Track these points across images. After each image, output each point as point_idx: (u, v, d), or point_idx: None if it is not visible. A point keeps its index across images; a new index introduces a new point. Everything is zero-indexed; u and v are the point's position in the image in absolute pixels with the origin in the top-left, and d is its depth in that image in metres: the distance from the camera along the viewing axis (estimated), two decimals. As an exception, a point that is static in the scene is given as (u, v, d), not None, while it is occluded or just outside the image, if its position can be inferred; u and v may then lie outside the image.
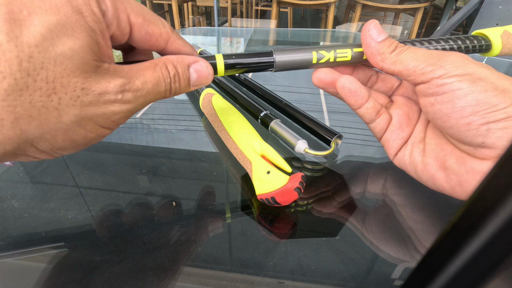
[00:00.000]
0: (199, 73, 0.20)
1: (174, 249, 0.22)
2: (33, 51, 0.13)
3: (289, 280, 0.20)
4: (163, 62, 0.18)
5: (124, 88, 0.16)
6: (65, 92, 0.14)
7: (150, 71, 0.18)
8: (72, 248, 0.22)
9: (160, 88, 0.18)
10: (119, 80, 0.16)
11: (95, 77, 0.15)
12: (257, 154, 0.27)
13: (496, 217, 0.07)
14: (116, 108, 0.16)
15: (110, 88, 0.15)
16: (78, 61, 0.14)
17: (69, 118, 0.15)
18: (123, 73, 0.16)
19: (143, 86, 0.17)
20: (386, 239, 0.23)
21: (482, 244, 0.07)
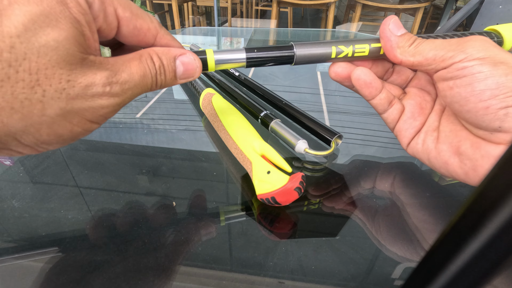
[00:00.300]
0: (186, 65, 0.20)
1: (175, 249, 0.22)
2: (14, 42, 0.12)
3: (289, 280, 0.20)
4: (148, 54, 0.18)
5: (111, 81, 0.16)
6: (49, 84, 0.14)
7: (135, 62, 0.17)
8: (72, 248, 0.22)
9: (146, 80, 0.18)
10: (105, 73, 0.16)
11: (81, 69, 0.15)
12: (257, 154, 0.27)
13: (496, 217, 0.07)
14: (104, 102, 0.16)
15: (97, 81, 0.15)
16: (63, 52, 0.14)
17: (54, 111, 0.14)
18: (108, 65, 0.16)
19: (130, 78, 0.17)
20: (386, 239, 0.23)
21: (483, 244, 0.07)
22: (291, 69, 0.57)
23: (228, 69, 0.47)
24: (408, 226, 0.24)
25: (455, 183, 0.29)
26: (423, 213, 0.25)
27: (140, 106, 0.42)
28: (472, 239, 0.07)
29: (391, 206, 0.26)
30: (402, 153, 0.33)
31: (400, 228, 0.24)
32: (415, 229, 0.24)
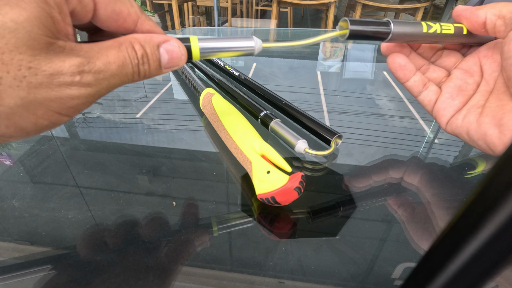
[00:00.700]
0: (171, 53, 0.18)
1: (175, 249, 0.22)
2: None
3: (289, 280, 0.20)
4: (129, 41, 0.16)
5: (82, 69, 0.14)
6: (7, 71, 0.12)
7: (114, 50, 0.16)
8: (72, 248, 0.22)
9: (126, 70, 0.16)
10: (76, 60, 0.14)
11: (46, 55, 0.13)
12: (257, 154, 0.27)
13: (496, 217, 0.07)
14: (74, 92, 0.14)
15: (65, 69, 0.13)
16: (23, 35, 0.12)
17: (13, 101, 0.13)
18: (81, 52, 0.14)
19: (105, 68, 0.15)
20: (386, 239, 0.23)
21: (482, 244, 0.07)
22: (291, 69, 0.57)
23: (227, 69, 0.47)
24: (409, 226, 0.24)
25: (455, 182, 0.29)
26: (425, 212, 0.25)
27: (140, 106, 0.42)
28: (472, 239, 0.07)
29: (392, 206, 0.26)
30: (402, 152, 0.33)
31: (401, 228, 0.24)
32: (416, 229, 0.24)
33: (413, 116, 0.40)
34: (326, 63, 0.62)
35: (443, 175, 0.30)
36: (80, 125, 0.37)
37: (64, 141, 0.34)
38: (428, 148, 0.34)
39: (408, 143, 0.35)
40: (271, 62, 0.62)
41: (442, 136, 0.37)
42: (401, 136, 0.36)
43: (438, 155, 0.33)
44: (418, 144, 0.35)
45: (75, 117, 0.39)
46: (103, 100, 0.44)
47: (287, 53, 0.69)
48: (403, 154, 0.33)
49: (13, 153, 0.32)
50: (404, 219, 0.25)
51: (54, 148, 0.33)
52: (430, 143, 0.35)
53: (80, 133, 0.36)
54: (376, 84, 0.52)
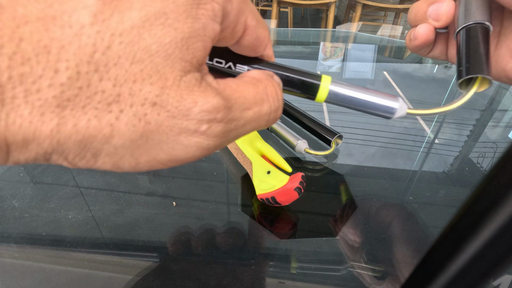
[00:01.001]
0: None
1: (175, 249, 0.22)
2: (113, 41, 0.09)
3: (289, 280, 0.20)
4: (265, 81, 0.13)
5: (214, 117, 0.11)
6: (130, 104, 0.10)
7: (251, 89, 0.12)
8: (73, 248, 0.22)
9: (259, 122, 0.13)
10: (211, 102, 0.11)
11: (177, 90, 0.10)
12: (257, 154, 0.27)
13: (496, 217, 0.07)
14: (192, 144, 0.11)
15: (194, 112, 0.10)
16: (160, 60, 0.10)
17: (122, 142, 0.10)
18: (218, 90, 0.11)
19: (240, 115, 0.12)
20: (386, 239, 0.23)
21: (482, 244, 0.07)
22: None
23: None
24: (409, 226, 0.24)
25: (455, 182, 0.29)
26: (425, 213, 0.25)
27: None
28: (472, 239, 0.07)
29: (392, 206, 0.26)
30: (402, 152, 0.33)
31: (401, 228, 0.24)
32: (416, 229, 0.24)
33: (412, 116, 0.40)
34: (327, 63, 0.62)
35: (443, 175, 0.30)
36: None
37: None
38: (428, 148, 0.34)
39: (409, 143, 0.35)
40: (271, 62, 0.62)
41: (442, 136, 0.37)
42: (401, 136, 0.36)
43: (438, 155, 0.33)
44: (418, 144, 0.35)
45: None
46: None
47: (287, 53, 0.69)
48: (403, 154, 0.33)
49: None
50: (406, 219, 0.25)
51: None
52: (430, 143, 0.35)
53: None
54: (376, 84, 0.52)
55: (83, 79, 0.09)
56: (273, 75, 0.14)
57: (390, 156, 0.33)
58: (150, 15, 0.10)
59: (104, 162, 0.11)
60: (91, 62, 0.09)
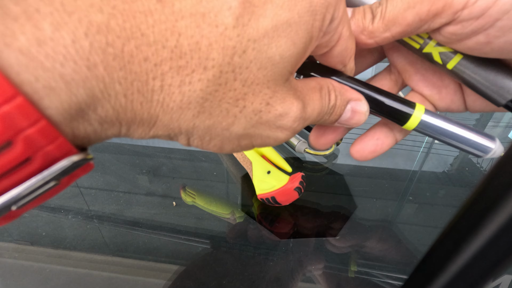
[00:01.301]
0: (354, 114, 0.16)
1: (174, 249, 0.22)
2: (249, 46, 0.11)
3: (289, 280, 0.20)
4: (327, 87, 0.15)
5: (301, 116, 0.13)
6: (252, 101, 0.12)
7: (317, 96, 0.14)
8: (73, 248, 0.22)
9: (319, 118, 0.15)
10: (299, 104, 0.13)
11: (282, 93, 0.12)
12: (257, 154, 0.27)
13: (496, 217, 0.07)
14: (282, 135, 0.13)
15: (291, 112, 0.13)
16: (278, 70, 0.12)
17: (238, 130, 0.12)
18: (299, 93, 0.13)
19: (311, 115, 0.14)
20: (386, 239, 0.23)
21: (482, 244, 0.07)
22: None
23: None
24: (408, 226, 0.24)
25: (455, 182, 0.29)
26: (424, 213, 0.25)
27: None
28: (471, 239, 0.07)
29: (392, 206, 0.26)
30: (402, 152, 0.33)
31: (400, 228, 0.24)
32: (416, 230, 0.24)
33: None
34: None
35: (443, 175, 0.30)
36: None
37: (64, 141, 0.34)
38: (428, 148, 0.34)
39: (408, 143, 0.35)
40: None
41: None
42: (401, 136, 0.36)
43: (438, 155, 0.33)
44: (419, 144, 0.35)
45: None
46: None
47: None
48: (403, 154, 0.33)
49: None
50: (405, 219, 0.25)
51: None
52: (430, 143, 0.35)
53: (80, 133, 0.36)
54: (376, 84, 0.52)
55: (223, 78, 0.11)
56: (332, 89, 0.15)
57: (390, 156, 0.33)
58: (279, 25, 0.11)
59: (215, 145, 0.13)
60: (230, 63, 0.11)
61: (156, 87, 0.10)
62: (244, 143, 0.13)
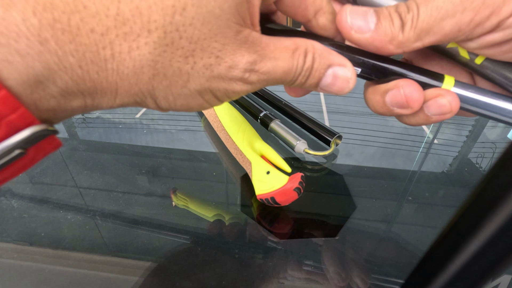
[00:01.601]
0: (335, 80, 0.16)
1: (173, 249, 0.22)
2: (187, 3, 0.11)
3: (289, 281, 0.20)
4: (304, 48, 0.15)
5: (253, 68, 0.14)
6: (201, 57, 0.13)
7: (287, 54, 0.15)
8: (72, 249, 0.22)
9: (286, 77, 0.15)
10: (252, 56, 0.13)
11: (232, 46, 0.13)
12: (256, 154, 0.27)
13: (495, 217, 0.07)
14: (237, 87, 0.14)
15: (241, 63, 0.13)
16: (223, 23, 0.12)
17: (195, 86, 0.13)
18: (259, 47, 0.14)
19: (272, 70, 0.14)
20: (385, 240, 0.23)
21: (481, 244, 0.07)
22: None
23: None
24: (408, 227, 0.24)
25: (454, 183, 0.29)
26: (424, 213, 0.25)
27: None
28: (471, 239, 0.07)
29: (391, 206, 0.26)
30: (401, 153, 0.33)
31: (400, 228, 0.24)
32: (415, 230, 0.24)
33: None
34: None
35: (442, 175, 0.30)
36: (80, 125, 0.37)
37: (64, 141, 0.34)
38: (427, 149, 0.34)
39: (408, 143, 0.35)
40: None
41: (441, 136, 0.37)
42: (400, 136, 0.36)
43: (437, 155, 0.33)
44: (418, 145, 0.35)
45: (74, 117, 0.39)
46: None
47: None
48: (402, 155, 0.33)
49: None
50: (405, 219, 0.25)
51: (53, 149, 0.33)
52: (429, 143, 0.35)
53: (79, 133, 0.36)
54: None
55: (168, 38, 0.12)
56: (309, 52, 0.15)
57: (390, 156, 0.33)
58: None
59: (182, 104, 0.14)
60: (172, 23, 0.11)
61: (108, 56, 0.11)
62: (207, 97, 0.14)
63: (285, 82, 0.16)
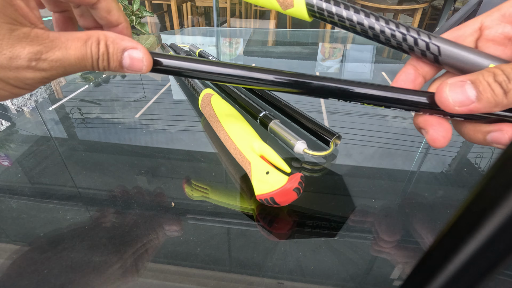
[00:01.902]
0: (133, 60, 0.20)
1: (173, 250, 0.22)
2: None
3: (288, 281, 0.20)
4: (96, 37, 0.18)
5: (39, 57, 0.16)
6: None
7: (79, 44, 0.18)
8: (71, 249, 0.22)
9: (85, 63, 0.18)
10: (35, 47, 0.16)
11: (8, 41, 0.15)
12: (256, 154, 0.27)
13: (495, 217, 0.07)
14: (29, 74, 0.17)
15: (23, 54, 0.16)
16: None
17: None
18: (45, 40, 0.16)
19: (63, 57, 0.17)
20: (385, 240, 0.23)
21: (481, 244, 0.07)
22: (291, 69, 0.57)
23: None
24: (408, 227, 0.24)
25: (454, 183, 0.29)
26: (423, 213, 0.25)
27: (139, 107, 0.42)
28: (470, 239, 0.07)
29: (391, 206, 0.26)
30: (400, 153, 0.33)
31: (400, 228, 0.24)
32: (415, 230, 0.24)
33: (411, 117, 0.40)
34: (325, 64, 0.62)
35: (442, 175, 0.30)
36: (79, 125, 0.37)
37: (63, 141, 0.34)
38: (426, 149, 0.34)
39: (407, 144, 0.35)
40: (270, 62, 0.62)
41: (440, 136, 0.37)
42: (399, 136, 0.36)
43: (436, 156, 0.33)
44: (417, 145, 0.35)
45: (73, 118, 0.39)
46: (101, 100, 0.44)
47: (286, 53, 0.69)
48: (401, 155, 0.33)
49: (11, 153, 0.32)
50: (404, 219, 0.25)
51: (52, 149, 0.33)
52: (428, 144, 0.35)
53: (78, 133, 0.36)
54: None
55: None
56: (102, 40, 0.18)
57: (389, 156, 0.33)
58: None
59: None
60: None
61: None
62: (1, 85, 0.17)
63: (86, 67, 0.18)
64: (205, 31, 0.95)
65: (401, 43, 0.20)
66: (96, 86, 0.48)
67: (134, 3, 1.22)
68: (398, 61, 0.64)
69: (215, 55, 0.63)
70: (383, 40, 0.20)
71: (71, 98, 0.44)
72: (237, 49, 0.72)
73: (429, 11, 2.62)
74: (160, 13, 2.82)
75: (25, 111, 0.41)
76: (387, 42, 0.20)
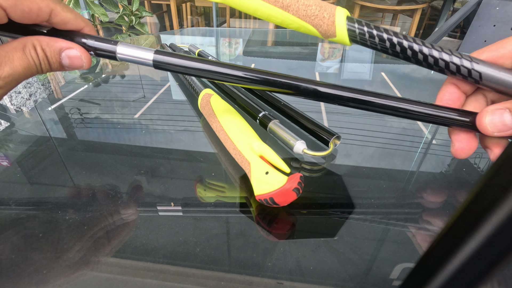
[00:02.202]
0: (72, 59, 0.20)
1: (173, 250, 0.22)
2: None
3: (288, 281, 0.20)
4: (31, 44, 0.19)
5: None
6: None
7: (19, 53, 0.18)
8: (70, 249, 0.22)
9: (31, 70, 0.19)
10: None
11: None
12: (255, 154, 0.27)
13: (494, 218, 0.07)
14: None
15: None
16: None
17: None
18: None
19: (13, 71, 0.18)
20: (384, 240, 0.23)
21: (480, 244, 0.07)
22: (290, 70, 0.57)
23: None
24: (408, 227, 0.24)
25: (453, 183, 0.29)
26: (423, 213, 0.25)
27: (139, 107, 0.42)
28: (469, 239, 0.07)
29: (390, 206, 0.26)
30: (399, 153, 0.33)
31: (399, 228, 0.24)
32: (415, 229, 0.24)
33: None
34: (325, 64, 0.62)
35: (441, 176, 0.30)
36: (78, 125, 0.37)
37: (62, 141, 0.34)
38: (426, 149, 0.34)
39: (406, 144, 0.35)
40: (269, 63, 0.62)
41: (439, 136, 0.37)
42: (399, 137, 0.36)
43: (436, 156, 0.33)
44: (416, 145, 0.35)
45: (73, 118, 0.39)
46: (101, 100, 0.44)
47: (285, 54, 0.69)
48: (401, 155, 0.33)
49: (10, 154, 0.32)
50: (404, 219, 0.25)
51: (51, 149, 0.33)
52: (428, 144, 0.35)
53: (77, 133, 0.36)
54: (374, 85, 0.52)
55: None
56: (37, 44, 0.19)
57: (388, 156, 0.33)
58: None
59: None
60: None
61: None
62: None
63: (33, 73, 0.19)
64: (204, 31, 0.95)
65: (444, 69, 0.21)
66: (96, 86, 0.48)
67: (133, 3, 1.22)
68: (397, 61, 0.64)
69: (214, 55, 0.63)
70: (425, 66, 0.22)
71: (70, 98, 0.44)
72: (236, 49, 0.72)
73: (428, 12, 2.63)
74: (160, 13, 2.81)
75: (24, 111, 0.41)
76: (429, 66, 0.22)
